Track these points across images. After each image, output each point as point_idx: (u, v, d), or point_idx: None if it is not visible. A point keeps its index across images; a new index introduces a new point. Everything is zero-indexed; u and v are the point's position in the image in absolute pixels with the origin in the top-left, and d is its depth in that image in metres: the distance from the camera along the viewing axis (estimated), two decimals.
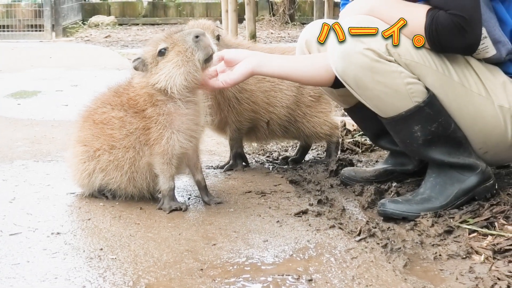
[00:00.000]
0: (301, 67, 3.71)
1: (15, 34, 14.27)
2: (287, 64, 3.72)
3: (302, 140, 4.74)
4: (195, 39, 3.49)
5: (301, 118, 4.52)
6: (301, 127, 4.54)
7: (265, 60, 3.69)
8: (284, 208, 3.66)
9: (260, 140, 4.73)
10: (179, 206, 3.62)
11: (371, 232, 3.27)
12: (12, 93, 7.50)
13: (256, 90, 4.38)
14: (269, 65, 3.68)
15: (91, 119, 3.74)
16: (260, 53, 3.79)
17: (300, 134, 4.59)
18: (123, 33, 14.84)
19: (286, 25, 15.55)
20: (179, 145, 3.58)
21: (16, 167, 4.47)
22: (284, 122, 4.51)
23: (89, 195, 3.82)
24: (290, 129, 4.56)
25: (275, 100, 4.44)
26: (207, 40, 3.52)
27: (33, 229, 3.36)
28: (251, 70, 3.65)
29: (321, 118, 4.55)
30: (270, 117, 4.45)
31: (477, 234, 3.27)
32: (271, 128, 4.51)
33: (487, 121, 3.48)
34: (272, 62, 3.70)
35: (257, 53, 3.79)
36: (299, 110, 4.51)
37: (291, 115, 4.50)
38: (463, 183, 3.54)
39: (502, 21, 3.50)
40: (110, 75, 8.30)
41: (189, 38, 3.51)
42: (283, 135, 4.61)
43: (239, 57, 3.69)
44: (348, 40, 3.39)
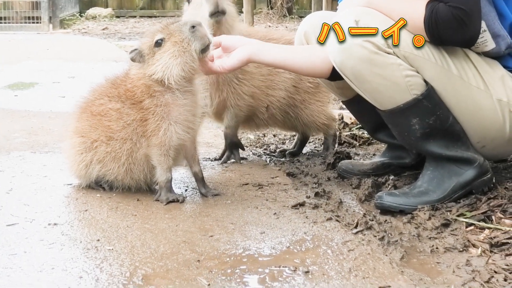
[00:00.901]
0: (298, 57, 3.71)
1: (12, 26, 14.22)
2: (284, 53, 3.71)
3: (300, 131, 4.73)
4: (192, 29, 3.49)
5: (300, 103, 4.52)
6: (300, 113, 4.53)
7: (262, 48, 3.69)
8: (281, 200, 3.66)
9: (259, 127, 4.72)
10: (176, 197, 3.61)
11: (368, 225, 3.27)
12: (9, 85, 7.49)
13: (256, 73, 4.36)
14: (267, 53, 3.68)
15: (89, 110, 3.74)
16: (258, 41, 3.79)
17: (298, 122, 4.58)
18: (121, 25, 14.80)
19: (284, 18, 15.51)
20: (176, 137, 3.58)
21: (13, 158, 4.47)
22: (283, 106, 4.50)
23: (86, 186, 3.82)
24: (290, 114, 4.54)
25: (273, 83, 4.43)
26: (204, 30, 3.52)
27: (30, 219, 3.36)
28: (248, 57, 3.65)
29: (319, 107, 4.55)
30: (269, 101, 4.44)
31: (474, 228, 3.27)
32: (271, 113, 4.49)
33: (485, 115, 3.48)
34: (269, 51, 3.70)
35: (255, 40, 3.79)
36: (298, 95, 4.51)
37: (290, 98, 4.49)
38: (460, 176, 3.54)
39: (502, 15, 3.49)
40: (107, 67, 8.26)
41: (186, 28, 3.50)
42: (283, 121, 4.59)
43: (237, 44, 3.69)
44: (347, 32, 3.38)
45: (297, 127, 4.68)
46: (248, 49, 3.65)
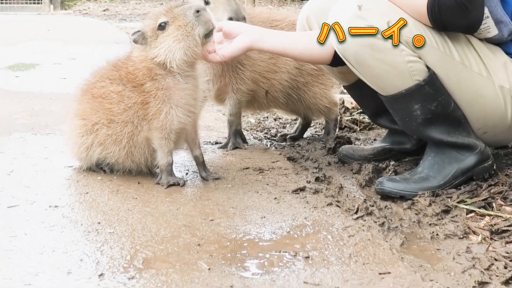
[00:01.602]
0: (299, 44, 3.71)
1: (13, 6, 14.21)
2: (285, 40, 3.71)
3: (302, 114, 4.72)
4: (196, 14, 3.48)
5: (303, 86, 4.51)
6: (303, 95, 4.53)
7: (263, 35, 3.69)
8: (281, 185, 3.66)
9: (262, 109, 4.72)
10: (177, 181, 3.61)
11: (369, 211, 3.27)
12: (10, 66, 7.49)
13: (259, 58, 4.35)
14: (268, 40, 3.68)
15: (90, 93, 3.73)
16: (259, 28, 3.78)
17: (301, 104, 4.57)
18: (121, 6, 14.79)
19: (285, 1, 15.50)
20: (177, 120, 3.57)
21: (14, 139, 4.47)
22: (286, 88, 4.49)
23: (87, 169, 3.82)
24: (292, 96, 4.54)
25: (276, 67, 4.41)
26: (208, 15, 3.50)
27: (31, 201, 3.36)
28: (249, 45, 3.65)
29: (321, 90, 4.55)
30: (271, 84, 4.43)
31: (475, 214, 3.27)
32: (273, 95, 4.49)
33: (487, 101, 3.47)
34: (270, 38, 3.69)
35: (256, 27, 3.79)
36: (301, 77, 4.50)
37: (293, 81, 4.48)
38: (461, 162, 3.54)
39: (504, 1, 3.49)
40: (108, 49, 8.27)
41: (190, 12, 3.49)
42: (285, 103, 4.58)
43: (238, 31, 3.69)
44: (350, 17, 3.38)
45: (299, 110, 4.68)
46: (248, 36, 3.64)
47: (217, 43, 3.68)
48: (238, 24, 3.77)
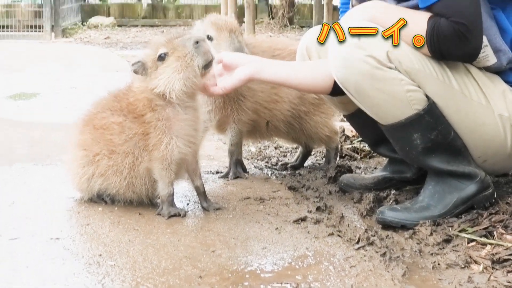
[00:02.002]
0: (300, 74, 3.72)
1: (15, 34, 14.27)
2: (286, 70, 3.73)
3: (303, 143, 4.73)
4: (195, 45, 3.49)
5: (304, 115, 4.52)
6: (304, 124, 4.53)
7: (264, 66, 3.70)
8: (283, 215, 3.66)
9: (263, 138, 4.73)
10: (178, 212, 3.61)
11: (370, 240, 3.27)
12: (11, 95, 7.50)
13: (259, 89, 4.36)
14: (268, 71, 3.69)
15: (91, 123, 3.74)
16: (259, 58, 3.80)
17: (302, 134, 4.58)
18: (122, 34, 14.84)
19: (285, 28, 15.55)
20: (178, 151, 3.58)
21: (15, 170, 4.47)
22: (288, 118, 4.50)
23: (88, 200, 3.81)
24: (294, 126, 4.54)
25: (277, 97, 4.43)
26: (207, 45, 3.52)
27: (32, 233, 3.36)
28: (249, 76, 3.67)
29: (323, 119, 4.56)
30: (273, 114, 4.44)
31: (476, 243, 3.27)
32: (275, 124, 4.50)
33: (487, 130, 3.48)
34: (271, 68, 3.71)
35: (255, 58, 3.80)
36: (303, 106, 4.50)
37: (295, 110, 4.49)
38: (462, 191, 3.54)
39: (503, 29, 3.50)
40: (109, 77, 8.29)
41: (189, 43, 3.50)
42: (287, 132, 4.59)
43: (238, 62, 3.70)
44: (349, 47, 3.40)
45: (300, 139, 4.68)
46: (249, 68, 3.66)
47: (217, 75, 3.70)
48: (238, 55, 3.79)
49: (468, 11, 3.31)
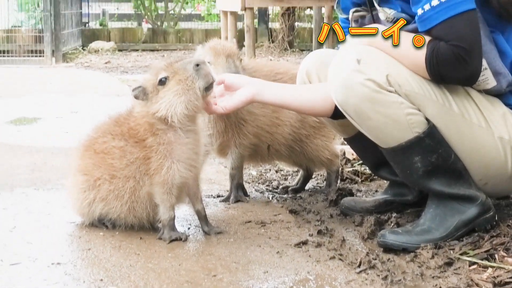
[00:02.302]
0: (301, 97, 3.74)
1: (15, 59, 14.28)
2: (287, 93, 3.75)
3: (304, 166, 4.73)
4: (196, 68, 3.51)
5: (305, 138, 4.52)
6: (305, 148, 4.54)
7: (265, 88, 3.72)
8: (284, 238, 3.66)
9: (264, 162, 4.74)
10: (179, 236, 3.61)
11: (371, 264, 3.26)
12: (12, 120, 7.52)
13: (261, 113, 4.38)
14: (269, 93, 3.71)
15: (92, 148, 3.75)
16: (261, 81, 3.82)
17: (304, 157, 4.58)
18: (123, 59, 14.87)
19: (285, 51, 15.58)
20: (179, 175, 3.59)
21: (16, 195, 4.47)
22: (289, 141, 4.51)
23: (89, 224, 3.81)
24: (295, 149, 4.55)
25: (279, 120, 4.43)
26: (208, 68, 3.53)
27: (33, 258, 3.36)
28: (251, 98, 3.69)
29: (323, 142, 4.56)
30: (274, 138, 4.45)
31: (477, 266, 3.27)
32: (277, 148, 4.51)
33: (487, 153, 3.49)
34: (272, 90, 3.73)
35: (257, 80, 3.82)
36: (304, 129, 4.51)
37: (296, 133, 4.50)
38: (463, 214, 3.54)
39: (503, 52, 3.51)
40: (110, 101, 8.32)
41: (190, 66, 3.52)
42: (288, 156, 4.60)
43: (240, 83, 3.72)
44: (349, 71, 3.41)
45: (301, 162, 4.69)
46: (250, 89, 3.68)
47: (218, 96, 3.71)
48: (239, 77, 3.81)
49: (467, 34, 3.32)
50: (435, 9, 3.34)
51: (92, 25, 18.98)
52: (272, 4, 8.66)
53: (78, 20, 16.89)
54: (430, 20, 3.36)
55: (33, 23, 15.96)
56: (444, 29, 3.34)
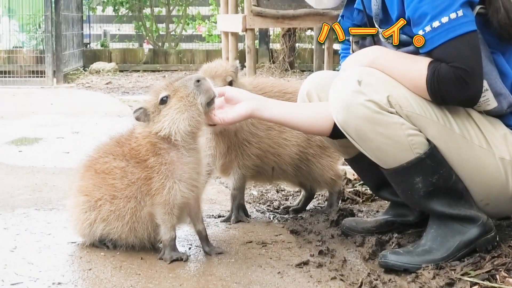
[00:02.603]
0: (300, 114, 3.75)
1: (17, 80, 14.32)
2: (287, 111, 3.75)
3: (307, 186, 4.72)
4: (197, 84, 3.52)
5: (312, 157, 4.53)
6: (312, 166, 4.54)
7: (265, 105, 3.73)
8: (285, 258, 3.66)
9: (269, 181, 4.75)
10: (180, 256, 3.61)
11: (373, 284, 3.26)
12: (13, 140, 7.53)
13: (266, 136, 4.39)
14: (268, 109, 3.72)
15: (93, 168, 3.75)
16: (261, 97, 3.82)
17: (309, 176, 4.59)
18: (124, 79, 14.91)
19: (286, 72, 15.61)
20: (180, 195, 3.59)
21: (17, 215, 4.47)
22: (295, 161, 4.51)
23: (90, 245, 3.81)
24: (302, 168, 4.55)
25: (285, 141, 4.44)
26: (208, 83, 3.55)
27: (34, 279, 3.35)
28: (250, 113, 3.69)
29: (329, 162, 4.56)
30: (281, 159, 4.46)
31: (479, 287, 3.26)
32: (283, 168, 4.52)
33: (488, 173, 3.49)
34: (271, 107, 3.73)
35: (258, 96, 3.83)
36: (311, 149, 4.51)
37: (303, 153, 4.51)
38: (464, 235, 3.53)
39: (503, 73, 3.52)
40: (111, 122, 8.33)
41: (190, 83, 3.53)
42: (294, 175, 4.60)
43: (240, 98, 3.72)
44: (350, 91, 3.41)
45: (306, 182, 4.68)
46: (250, 105, 3.68)
47: (217, 107, 3.70)
48: (240, 91, 3.81)
49: (468, 56, 3.32)
50: (436, 31, 3.34)
51: (93, 46, 19.06)
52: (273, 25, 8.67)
53: (79, 41, 16.95)
54: (431, 42, 3.37)
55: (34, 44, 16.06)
56: (445, 51, 3.35)
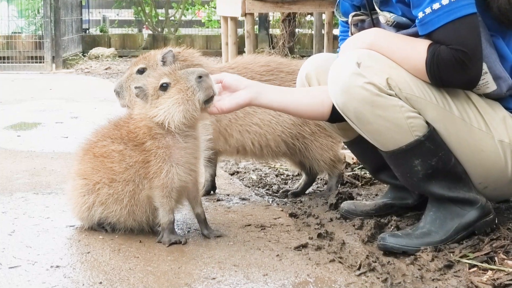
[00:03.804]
0: (298, 100, 3.74)
1: (16, 65, 14.28)
2: (284, 97, 3.73)
3: (307, 167, 4.71)
4: (198, 80, 3.50)
5: (309, 135, 4.52)
6: (309, 145, 4.54)
7: (262, 92, 3.71)
8: (283, 241, 3.66)
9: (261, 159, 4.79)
10: (178, 239, 3.61)
11: (371, 267, 3.26)
12: (12, 125, 7.51)
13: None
14: (266, 97, 3.70)
15: (91, 152, 3.75)
16: (258, 84, 3.81)
17: (308, 154, 4.58)
18: (123, 65, 14.86)
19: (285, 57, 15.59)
20: (178, 178, 3.59)
21: (15, 199, 4.47)
22: (292, 139, 4.53)
23: (89, 228, 3.81)
24: (297, 146, 4.56)
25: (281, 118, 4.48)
26: (210, 81, 3.52)
27: (32, 262, 3.35)
28: (248, 101, 3.67)
29: (329, 142, 4.56)
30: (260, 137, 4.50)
31: (477, 269, 3.26)
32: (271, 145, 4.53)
33: (487, 156, 3.48)
34: (269, 94, 3.71)
35: (255, 83, 3.81)
36: (307, 126, 4.52)
37: (299, 129, 4.52)
38: (463, 217, 3.53)
39: (503, 56, 3.50)
40: (110, 107, 8.31)
41: (192, 77, 3.51)
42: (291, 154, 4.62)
43: (238, 85, 3.69)
44: (349, 74, 3.40)
45: (304, 162, 4.67)
46: (248, 93, 3.66)
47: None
48: (238, 78, 3.79)
49: (468, 38, 3.31)
50: (436, 13, 3.33)
51: (93, 31, 19.00)
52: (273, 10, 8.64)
53: (78, 27, 16.89)
54: (431, 24, 3.35)
55: (33, 29, 15.97)
56: (445, 33, 3.33)
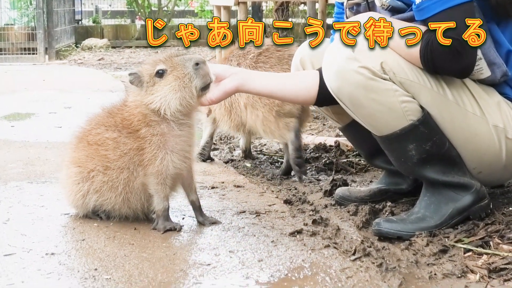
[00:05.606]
0: (284, 85, 3.76)
1: (8, 57, 14.24)
2: (271, 82, 3.75)
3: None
4: (195, 66, 3.49)
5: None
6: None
7: (249, 78, 3.72)
8: (278, 228, 3.66)
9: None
10: (173, 226, 3.60)
11: (366, 252, 3.26)
12: (6, 115, 7.49)
13: None
14: (253, 83, 3.71)
15: (85, 140, 3.73)
16: (245, 70, 3.83)
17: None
18: (116, 55, 14.85)
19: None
20: (172, 166, 3.58)
21: (10, 188, 4.45)
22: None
23: (83, 216, 3.80)
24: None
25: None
26: (207, 68, 3.51)
27: (27, 249, 3.34)
28: (235, 88, 3.68)
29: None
30: None
31: (472, 253, 3.27)
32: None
33: (482, 141, 3.48)
34: (256, 80, 3.72)
35: (242, 69, 3.82)
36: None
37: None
38: (457, 202, 3.53)
39: (497, 42, 3.49)
40: (103, 97, 8.29)
41: (189, 64, 3.50)
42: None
43: (224, 74, 3.70)
44: (343, 58, 3.40)
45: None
46: (234, 80, 3.67)
47: None
48: (224, 67, 3.80)
49: (463, 26, 3.30)
50: (432, 0, 3.32)
51: (85, 22, 18.94)
52: None
53: (71, 18, 16.84)
54: (427, 10, 3.34)
55: (25, 20, 15.93)
56: (441, 20, 3.31)
